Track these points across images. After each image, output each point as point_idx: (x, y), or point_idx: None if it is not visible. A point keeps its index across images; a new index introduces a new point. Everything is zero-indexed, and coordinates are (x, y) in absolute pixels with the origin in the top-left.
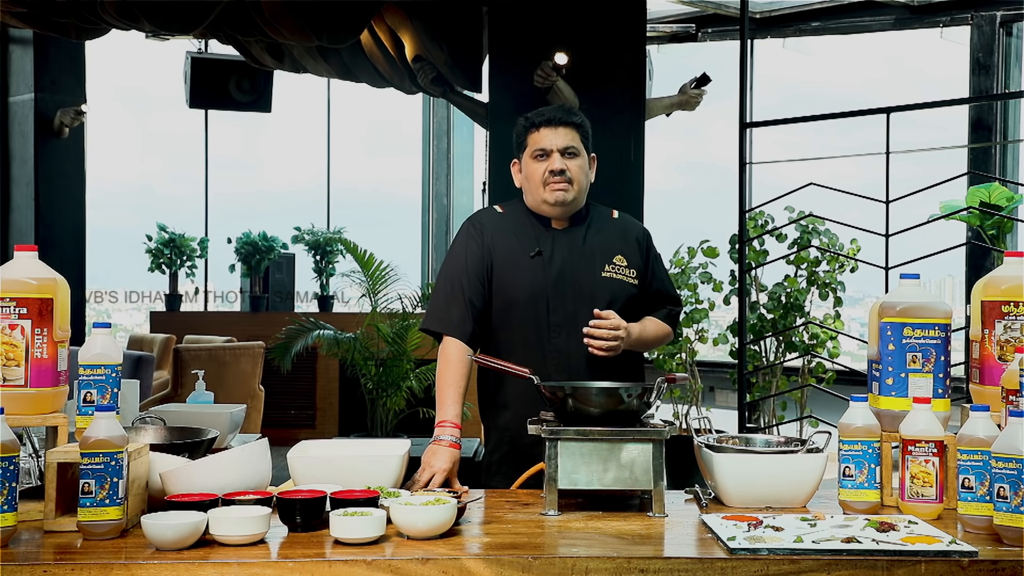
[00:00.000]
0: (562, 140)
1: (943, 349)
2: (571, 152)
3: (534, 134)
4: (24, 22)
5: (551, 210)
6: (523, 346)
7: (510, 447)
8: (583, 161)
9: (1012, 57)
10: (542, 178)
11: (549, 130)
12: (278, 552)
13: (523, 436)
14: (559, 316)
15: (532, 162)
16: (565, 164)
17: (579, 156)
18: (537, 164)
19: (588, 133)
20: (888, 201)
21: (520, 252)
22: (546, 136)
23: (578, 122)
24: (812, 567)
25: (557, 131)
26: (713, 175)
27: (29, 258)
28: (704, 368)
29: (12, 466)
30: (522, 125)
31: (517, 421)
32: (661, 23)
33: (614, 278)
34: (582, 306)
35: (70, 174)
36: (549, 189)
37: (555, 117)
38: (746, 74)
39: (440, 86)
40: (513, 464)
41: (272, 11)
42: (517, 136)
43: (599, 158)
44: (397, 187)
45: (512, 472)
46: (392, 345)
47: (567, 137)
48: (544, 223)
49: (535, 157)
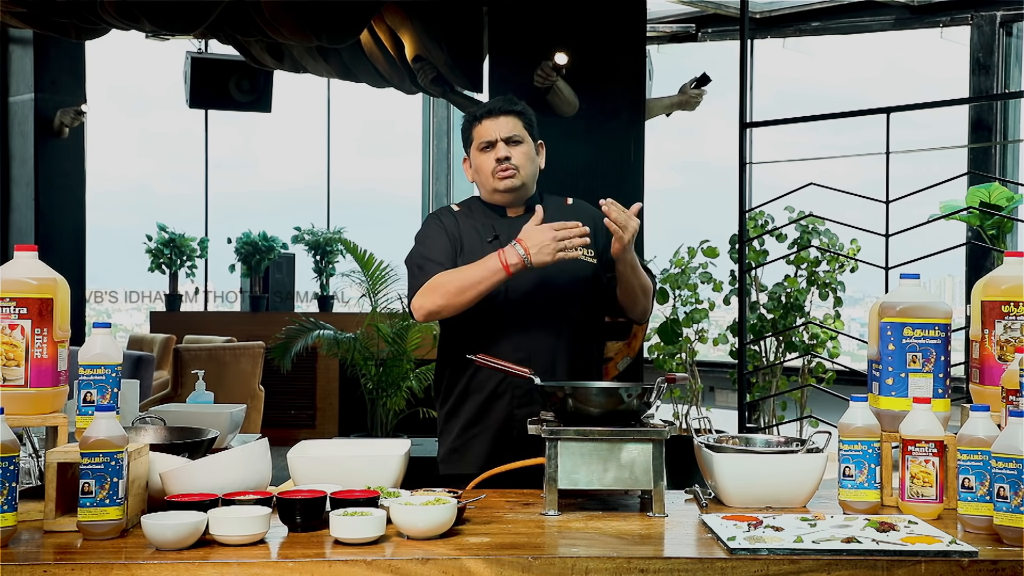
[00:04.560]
0: (504, 129)
1: (943, 349)
2: (515, 140)
3: (477, 127)
4: (24, 22)
5: (502, 198)
6: (478, 327)
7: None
8: (528, 147)
9: (1012, 57)
10: (490, 168)
11: (490, 121)
12: (278, 552)
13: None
14: (517, 295)
15: (479, 155)
16: (509, 151)
17: (523, 143)
18: (484, 156)
19: (532, 120)
20: (888, 201)
21: (479, 239)
22: (488, 128)
23: (519, 110)
24: (812, 567)
25: (498, 121)
26: (709, 174)
27: (29, 258)
28: (704, 368)
29: (12, 466)
30: (466, 120)
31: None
32: (661, 23)
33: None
34: (540, 286)
35: (70, 174)
36: (497, 177)
37: (495, 108)
38: (746, 74)
39: (440, 86)
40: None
41: (272, 11)
42: (463, 132)
43: (599, 159)
44: (397, 187)
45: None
46: (392, 345)
47: (509, 126)
48: (500, 212)
49: (481, 149)
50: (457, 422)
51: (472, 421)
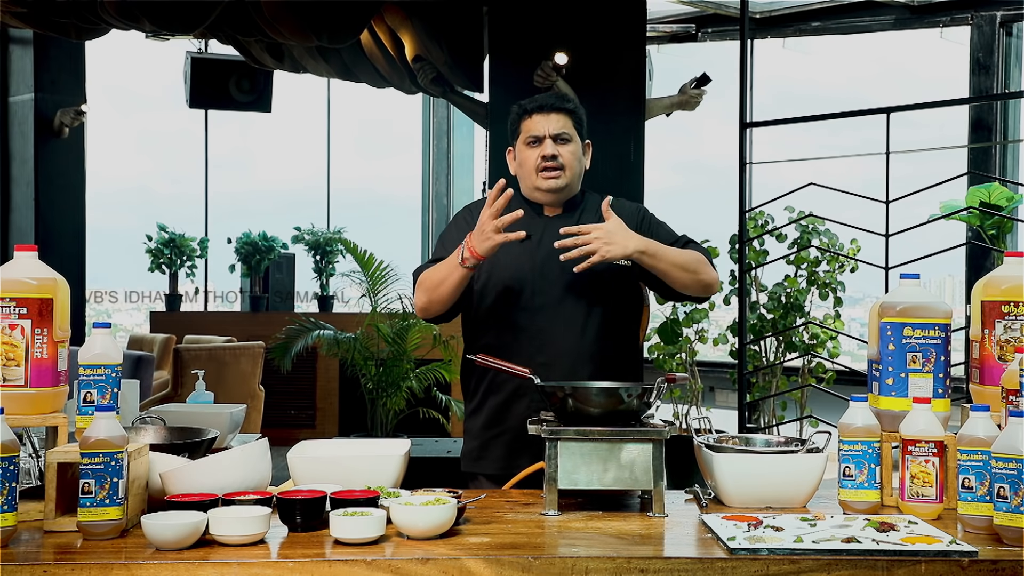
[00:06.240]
0: (554, 126)
1: (943, 349)
2: (563, 138)
3: (527, 121)
4: (24, 22)
5: (543, 196)
6: (499, 327)
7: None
8: (576, 147)
9: (1012, 57)
10: (535, 165)
11: (541, 116)
12: (278, 552)
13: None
14: (543, 299)
15: (525, 149)
16: (557, 150)
17: (572, 142)
18: (530, 151)
19: (582, 119)
20: (888, 201)
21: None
22: (538, 122)
23: (571, 108)
24: (812, 567)
25: (549, 117)
26: (708, 174)
27: (29, 258)
28: (704, 368)
29: (12, 466)
30: (515, 112)
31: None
32: (661, 23)
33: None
34: (567, 291)
35: (70, 174)
36: (542, 176)
37: (547, 103)
38: (746, 74)
39: (440, 86)
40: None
41: (272, 11)
42: (511, 123)
43: (599, 158)
44: (397, 187)
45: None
46: (392, 345)
47: (559, 123)
48: (537, 210)
49: (528, 144)
50: (478, 421)
51: (492, 422)
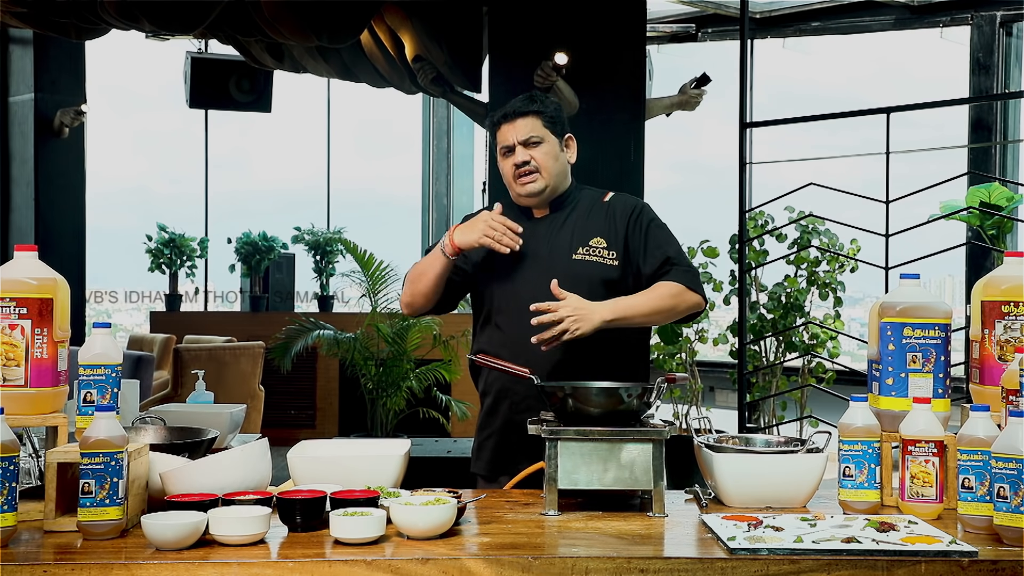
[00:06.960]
0: (522, 132)
1: (943, 349)
2: (533, 141)
3: (499, 131)
4: (24, 22)
5: (527, 201)
6: (491, 329)
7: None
8: (550, 146)
9: (1012, 57)
10: (511, 173)
11: (508, 125)
12: (278, 552)
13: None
14: (534, 298)
15: (501, 159)
16: (528, 155)
17: (544, 143)
18: (504, 160)
19: (555, 116)
20: (888, 201)
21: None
22: (506, 132)
23: (536, 109)
24: (812, 567)
25: (515, 124)
26: (708, 174)
27: (29, 258)
28: (704, 368)
29: (12, 466)
30: (490, 124)
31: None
32: (661, 23)
33: (587, 260)
34: (549, 295)
35: (70, 174)
36: (519, 183)
37: (511, 110)
38: (746, 74)
39: (440, 86)
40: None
41: (272, 11)
42: (489, 136)
43: (599, 159)
44: (397, 187)
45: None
46: (392, 345)
47: (527, 128)
48: (527, 213)
49: (503, 154)
50: (478, 422)
51: (484, 423)
